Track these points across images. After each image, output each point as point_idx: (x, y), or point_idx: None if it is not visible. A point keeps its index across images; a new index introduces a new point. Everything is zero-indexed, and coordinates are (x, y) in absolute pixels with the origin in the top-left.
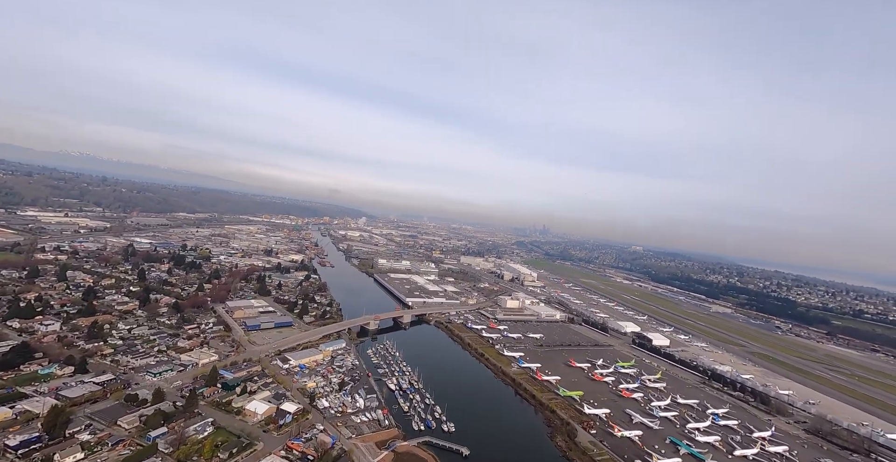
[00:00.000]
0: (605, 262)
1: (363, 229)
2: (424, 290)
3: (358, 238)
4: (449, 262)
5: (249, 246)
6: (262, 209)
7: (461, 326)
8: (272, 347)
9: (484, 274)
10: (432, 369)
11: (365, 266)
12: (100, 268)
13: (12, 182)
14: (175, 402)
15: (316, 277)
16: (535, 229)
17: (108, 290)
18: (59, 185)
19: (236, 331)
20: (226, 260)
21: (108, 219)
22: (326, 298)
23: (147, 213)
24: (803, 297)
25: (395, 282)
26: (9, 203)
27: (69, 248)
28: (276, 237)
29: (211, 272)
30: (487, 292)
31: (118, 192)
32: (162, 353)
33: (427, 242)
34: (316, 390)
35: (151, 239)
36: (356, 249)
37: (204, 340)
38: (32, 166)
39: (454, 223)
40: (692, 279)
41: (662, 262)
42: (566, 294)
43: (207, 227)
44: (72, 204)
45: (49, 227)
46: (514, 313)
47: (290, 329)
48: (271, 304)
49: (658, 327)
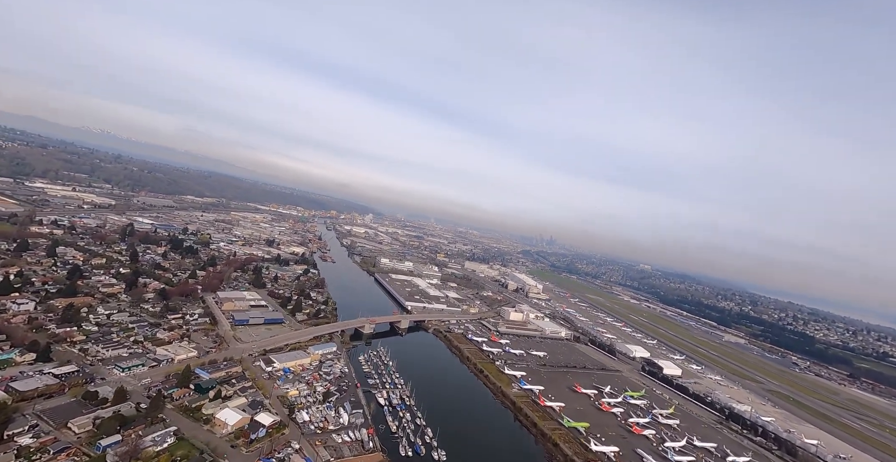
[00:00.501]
0: (612, 278)
1: (369, 226)
2: (425, 294)
3: (363, 234)
4: (453, 266)
5: (252, 234)
6: (270, 198)
7: (461, 337)
8: (257, 346)
9: (488, 282)
10: (427, 384)
11: (367, 264)
12: (94, 246)
13: (25, 153)
14: (139, 404)
15: (315, 272)
16: (542, 239)
17: (97, 270)
18: (71, 159)
19: (222, 324)
20: (225, 247)
21: (115, 196)
22: (323, 296)
23: (155, 193)
24: (822, 333)
25: (395, 283)
26: (19, 173)
27: (68, 222)
28: (281, 227)
29: (207, 259)
30: (490, 302)
31: (129, 171)
32: (138, 345)
33: (432, 244)
34: (297, 400)
35: (154, 220)
36: (360, 246)
37: (186, 333)
38: (51, 139)
39: (461, 227)
40: (703, 304)
41: (671, 284)
42: (572, 310)
43: (213, 211)
44: (81, 179)
45: (53, 201)
46: (517, 327)
47: (280, 327)
48: (265, 297)
49: (668, 354)
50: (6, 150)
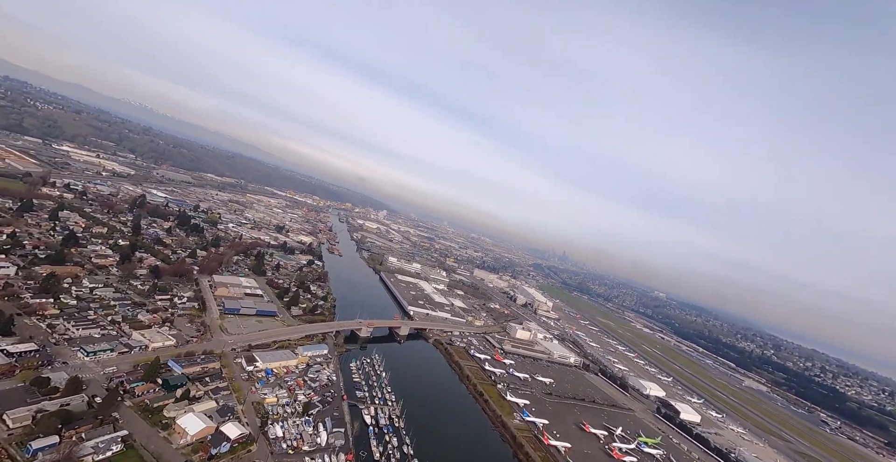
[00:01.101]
0: (624, 302)
1: (382, 222)
2: (430, 300)
3: (374, 230)
4: (461, 272)
5: (263, 218)
6: (288, 184)
7: (462, 351)
8: (243, 340)
9: (496, 293)
10: (420, 403)
11: (374, 261)
12: (99, 213)
13: (59, 116)
14: (93, 397)
15: (319, 264)
16: (554, 254)
17: (95, 239)
18: (101, 126)
19: (211, 311)
20: (234, 229)
21: (136, 167)
22: (323, 290)
23: (176, 168)
24: (853, 390)
25: (400, 285)
26: (48, 135)
27: (81, 187)
28: (293, 215)
29: (212, 239)
30: (497, 315)
31: (155, 144)
32: (114, 326)
33: (443, 247)
34: (274, 409)
35: (168, 194)
36: (370, 241)
37: (169, 317)
38: (89, 107)
39: (473, 232)
40: (720, 342)
41: (687, 316)
42: (582, 333)
43: (230, 191)
44: (107, 146)
45: (74, 164)
46: (523, 346)
47: (272, 320)
48: (262, 286)
49: (685, 395)
50: (41, 112)
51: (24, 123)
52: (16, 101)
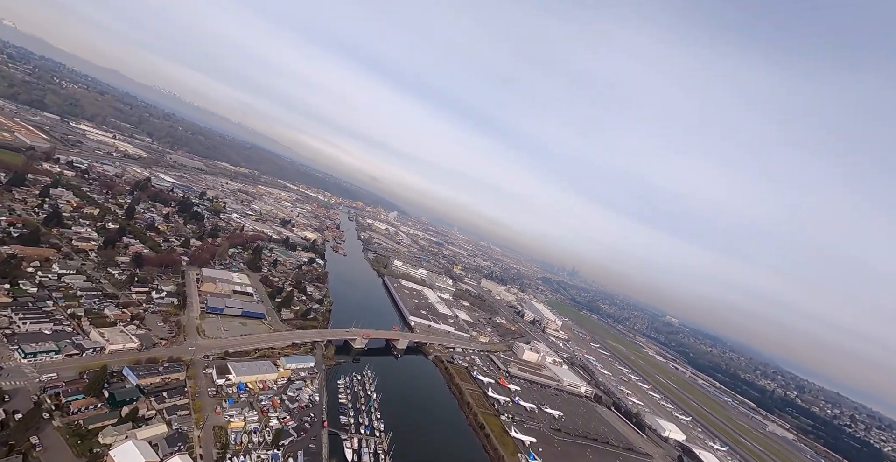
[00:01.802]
0: (635, 326)
1: (391, 223)
2: (433, 310)
3: (383, 231)
4: (468, 281)
5: (270, 211)
6: (301, 179)
7: (464, 372)
8: (220, 345)
9: (503, 306)
10: (412, 436)
11: (378, 263)
12: (97, 193)
13: (81, 95)
14: (14, 414)
15: (320, 263)
16: (564, 269)
17: (84, 220)
18: (123, 108)
19: (191, 309)
20: (237, 219)
21: (151, 150)
22: (320, 292)
23: (191, 154)
24: (889, 445)
25: (403, 291)
26: (68, 113)
27: (86, 165)
28: (302, 209)
29: (210, 228)
30: (503, 331)
31: (174, 129)
32: (73, 321)
33: (451, 254)
34: (238, 438)
35: (177, 179)
36: (377, 242)
37: (140, 314)
38: (116, 89)
39: (483, 240)
40: (739, 377)
41: (701, 345)
42: (592, 357)
43: (241, 182)
44: (126, 128)
45: (87, 143)
46: (530, 369)
47: (259, 323)
48: (255, 283)
49: (707, 441)
50: (65, 90)
51: (45, 100)
52: (42, 78)
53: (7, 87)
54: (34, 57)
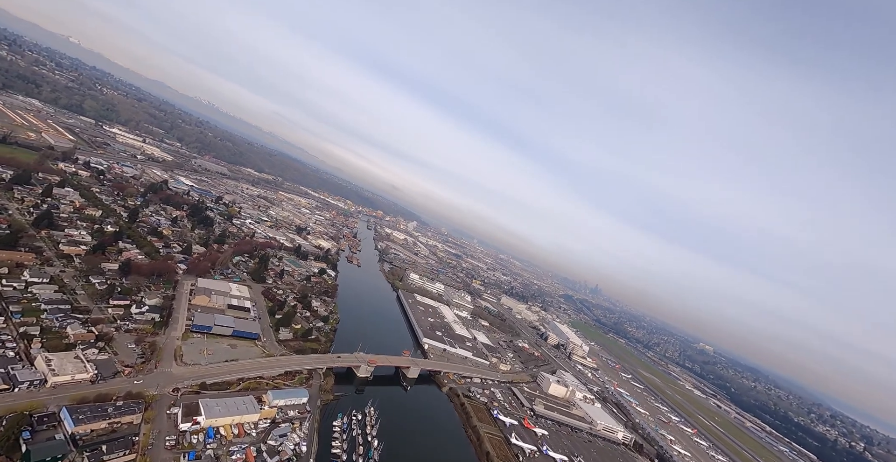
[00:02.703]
0: (666, 353)
1: (410, 233)
2: (450, 331)
3: (401, 241)
4: (488, 297)
5: (287, 217)
6: (324, 186)
7: (483, 410)
8: (198, 374)
9: (525, 327)
10: None
11: (394, 276)
12: (106, 194)
13: (118, 101)
14: None
15: (331, 275)
16: (586, 286)
17: (82, 222)
18: (156, 114)
19: (175, 327)
20: (250, 225)
21: (179, 155)
22: (327, 307)
23: (217, 160)
24: None
25: (418, 308)
26: (104, 117)
27: (104, 166)
28: (320, 216)
29: (218, 234)
30: (526, 357)
31: (203, 135)
32: (22, 342)
33: (470, 267)
34: None
35: (196, 183)
36: (393, 253)
37: (109, 334)
38: (156, 98)
39: (503, 253)
40: (791, 421)
41: (742, 379)
42: (625, 391)
43: (263, 187)
44: (157, 133)
45: (114, 145)
46: (558, 406)
47: (251, 344)
48: (256, 296)
49: None
50: (104, 96)
51: (84, 105)
52: (84, 84)
53: (50, 92)
54: (85, 67)
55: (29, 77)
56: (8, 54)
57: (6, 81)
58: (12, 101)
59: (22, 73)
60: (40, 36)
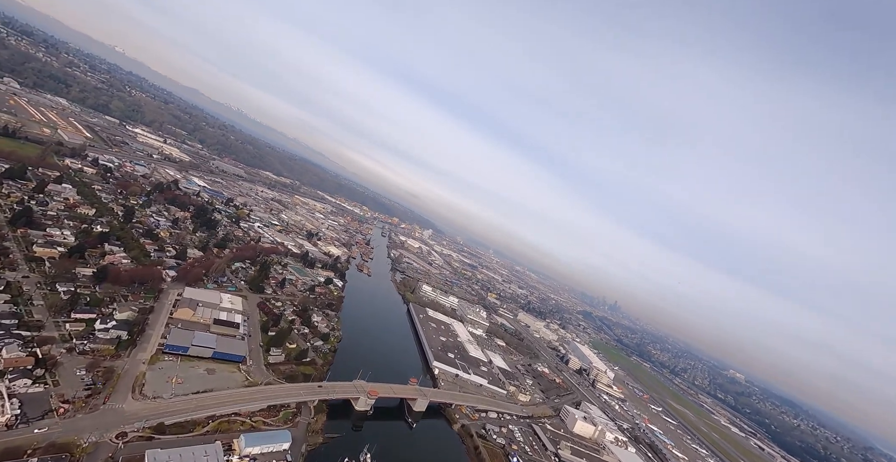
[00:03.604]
0: (695, 380)
1: (425, 242)
2: (463, 352)
3: (416, 250)
4: (504, 312)
5: (298, 222)
6: (342, 191)
7: (500, 455)
8: (158, 411)
9: (543, 347)
10: None
11: (406, 287)
12: (106, 192)
13: (145, 102)
14: None
15: (338, 285)
16: (605, 303)
17: (70, 221)
18: (181, 116)
19: (144, 348)
20: (258, 229)
21: (197, 156)
22: (329, 322)
23: (236, 162)
24: None
25: (430, 325)
26: (128, 118)
27: (114, 164)
28: (334, 222)
29: (221, 237)
30: (547, 385)
31: (225, 138)
32: None
33: (485, 279)
34: None
35: (209, 183)
36: (407, 262)
37: (53, 358)
38: (187, 103)
39: (518, 265)
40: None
41: (782, 414)
42: (657, 428)
43: (279, 191)
44: (179, 134)
45: (132, 144)
46: (587, 451)
47: (232, 369)
48: (250, 308)
49: None
50: (131, 97)
51: (110, 105)
52: (114, 86)
53: (78, 92)
54: (121, 71)
55: (60, 77)
56: (44, 56)
57: (38, 81)
58: (39, 99)
59: (54, 73)
60: (87, 44)
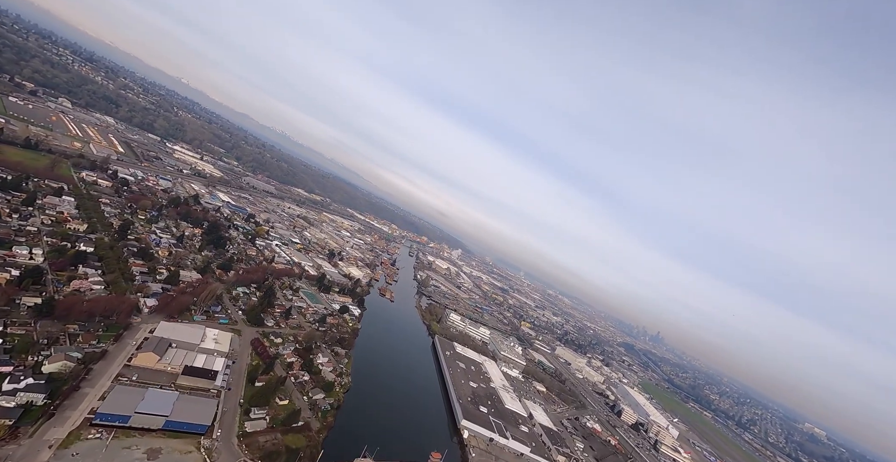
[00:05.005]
0: (768, 435)
1: (454, 262)
2: (498, 403)
3: (444, 271)
4: (540, 345)
5: (321, 240)
6: (371, 209)
7: None
8: None
9: (589, 392)
10: None
11: (432, 315)
12: (112, 205)
13: (188, 122)
14: None
15: (355, 314)
16: (646, 333)
17: (51, 238)
18: (222, 135)
19: (64, 420)
20: (275, 247)
21: (231, 172)
22: (337, 365)
23: (269, 179)
24: None
25: (458, 365)
26: (170, 136)
27: (137, 178)
28: (359, 240)
29: (228, 257)
30: (601, 448)
31: (261, 155)
32: None
33: (517, 304)
34: None
35: (234, 199)
36: (434, 285)
37: None
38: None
39: (551, 288)
40: None
41: None
42: None
43: (307, 207)
44: (217, 152)
45: (166, 160)
46: None
47: (189, 447)
48: (242, 346)
49: None
50: (177, 117)
51: (155, 124)
52: (161, 106)
53: (126, 112)
54: (177, 96)
55: (112, 98)
56: (102, 79)
57: (90, 101)
58: (85, 117)
59: (108, 94)
60: (160, 77)
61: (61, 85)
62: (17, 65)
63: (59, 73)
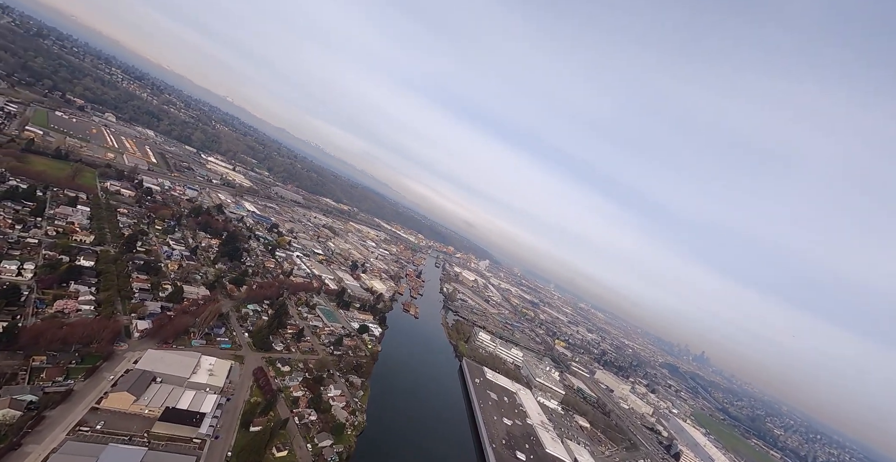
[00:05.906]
0: None
1: (482, 273)
2: (537, 447)
3: (471, 283)
4: (577, 368)
5: (346, 251)
6: (398, 219)
7: None
8: None
9: (638, 426)
10: None
11: (459, 334)
12: (129, 216)
13: (224, 134)
14: None
15: (376, 334)
16: (688, 352)
17: (49, 251)
18: (255, 146)
19: None
20: (296, 258)
21: (261, 182)
22: (349, 400)
23: (298, 189)
24: None
25: (489, 397)
26: (206, 147)
27: (164, 188)
28: (384, 251)
29: (243, 269)
30: None
31: (292, 166)
32: None
33: (549, 320)
34: None
35: (259, 208)
36: (461, 299)
37: None
38: (265, 136)
39: (582, 302)
40: None
41: None
42: None
43: (333, 217)
44: (250, 163)
45: (198, 170)
46: None
47: None
48: (243, 378)
49: None
50: (214, 130)
51: (192, 136)
52: (200, 119)
53: (167, 125)
54: (218, 111)
55: (155, 113)
56: (148, 96)
57: (134, 115)
58: (126, 130)
59: (151, 109)
60: (207, 96)
61: (109, 101)
62: (70, 83)
63: (108, 90)
